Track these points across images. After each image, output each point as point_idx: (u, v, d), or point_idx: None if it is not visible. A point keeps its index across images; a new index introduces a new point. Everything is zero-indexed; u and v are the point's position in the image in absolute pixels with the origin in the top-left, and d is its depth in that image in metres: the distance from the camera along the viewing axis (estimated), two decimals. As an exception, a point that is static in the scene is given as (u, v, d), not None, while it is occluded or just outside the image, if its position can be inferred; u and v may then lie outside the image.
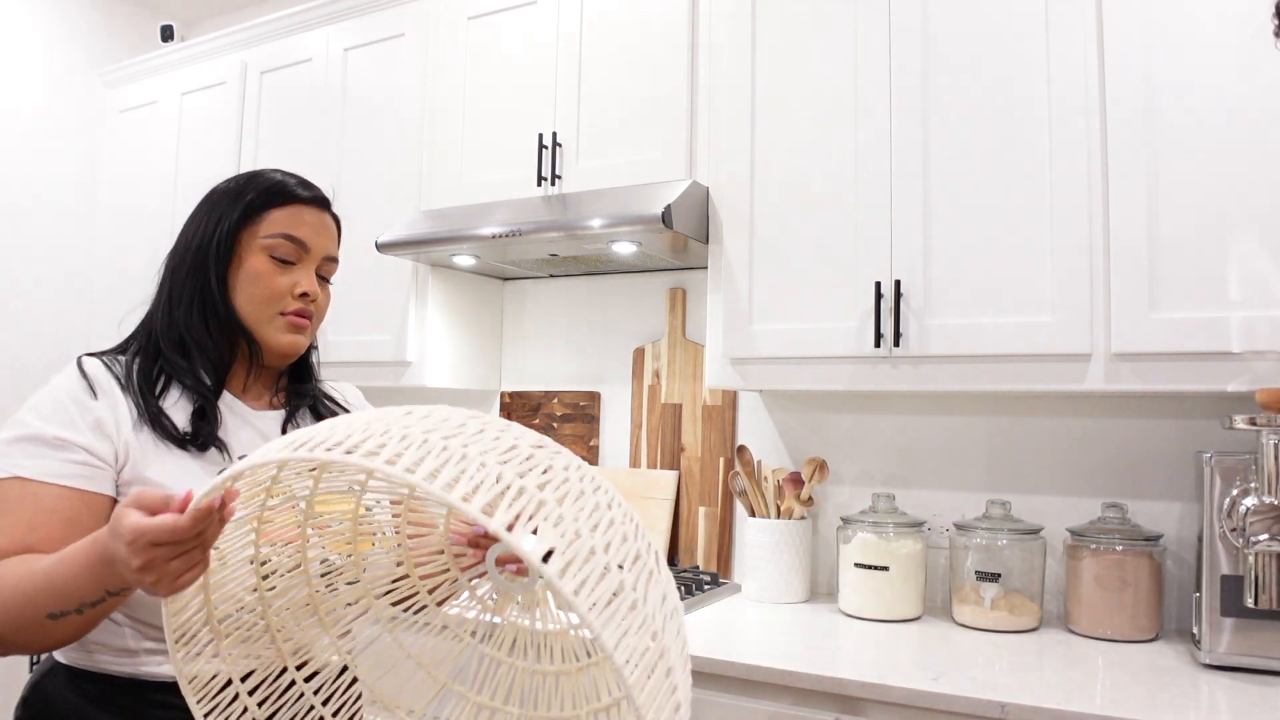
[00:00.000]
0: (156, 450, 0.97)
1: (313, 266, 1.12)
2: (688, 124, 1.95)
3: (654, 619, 0.55)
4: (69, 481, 0.93)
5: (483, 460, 0.58)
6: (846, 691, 1.36)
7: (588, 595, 0.52)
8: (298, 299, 1.10)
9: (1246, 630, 1.40)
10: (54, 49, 3.06)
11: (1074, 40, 1.55)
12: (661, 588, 0.59)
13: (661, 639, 0.55)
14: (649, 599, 0.56)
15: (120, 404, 0.98)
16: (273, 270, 1.09)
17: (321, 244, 1.13)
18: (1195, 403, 1.72)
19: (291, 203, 1.11)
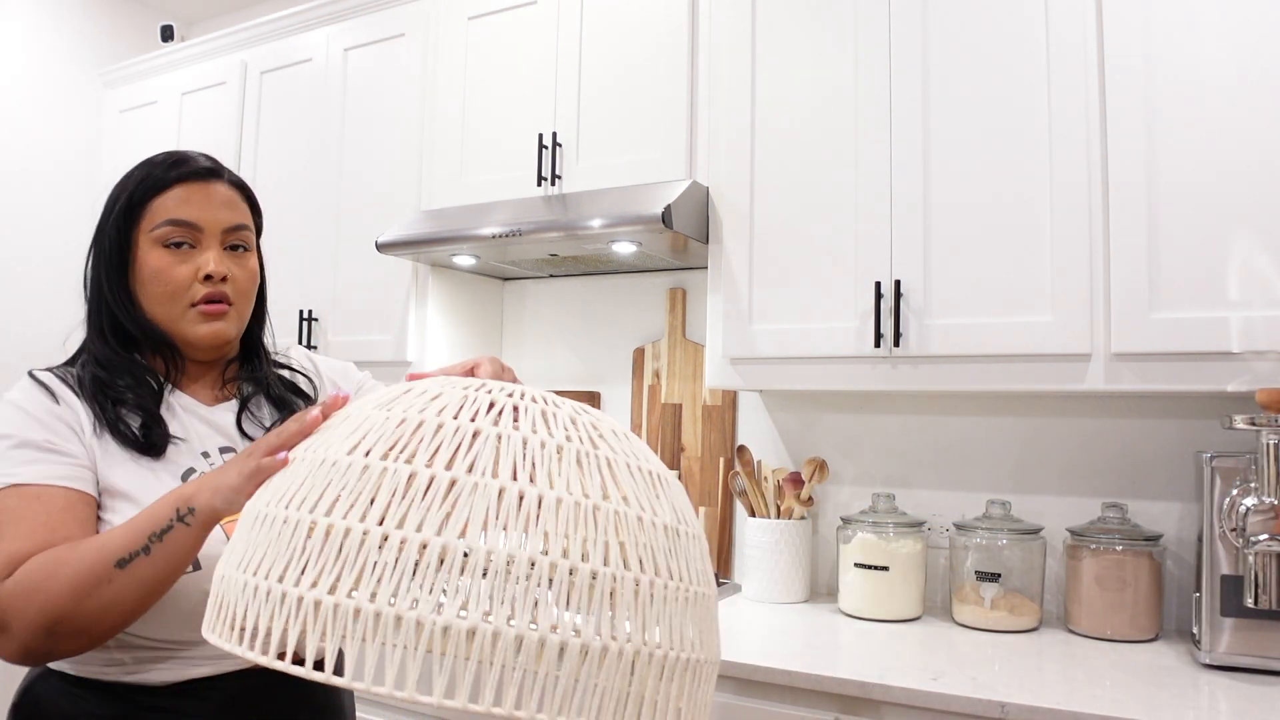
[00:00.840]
0: (119, 456, 0.95)
1: (215, 244, 1.02)
2: (688, 124, 1.95)
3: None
4: (71, 484, 0.91)
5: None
6: (846, 691, 1.36)
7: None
8: (204, 284, 1.01)
9: (1246, 630, 1.40)
10: (54, 49, 3.06)
11: (1074, 40, 1.55)
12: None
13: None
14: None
15: (80, 411, 0.96)
16: (170, 262, 1.01)
17: (216, 217, 1.03)
18: (1195, 403, 1.72)
19: (169, 186, 1.02)
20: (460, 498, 0.58)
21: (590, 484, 0.62)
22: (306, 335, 2.47)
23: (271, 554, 0.62)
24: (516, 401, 0.66)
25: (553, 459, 0.62)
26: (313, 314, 2.47)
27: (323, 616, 0.58)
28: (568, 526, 0.59)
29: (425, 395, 0.67)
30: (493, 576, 0.58)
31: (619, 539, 0.61)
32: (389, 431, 0.64)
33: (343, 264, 2.44)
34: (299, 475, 0.66)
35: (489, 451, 0.61)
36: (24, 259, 2.95)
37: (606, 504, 0.62)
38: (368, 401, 0.71)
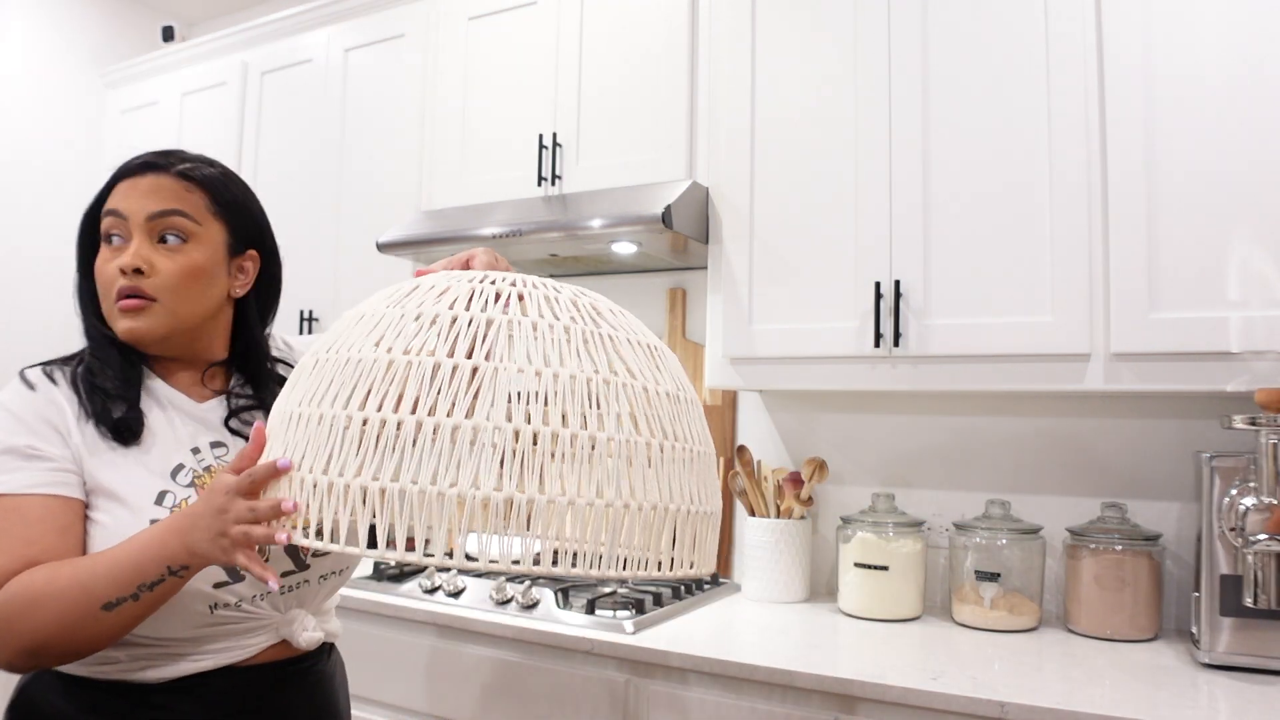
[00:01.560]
0: (104, 451, 0.94)
1: (141, 236, 0.97)
2: (688, 124, 1.95)
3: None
4: (51, 490, 0.90)
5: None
6: (846, 691, 1.36)
7: None
8: (122, 276, 0.97)
9: (1245, 630, 1.40)
10: (55, 49, 3.07)
11: (1073, 39, 1.55)
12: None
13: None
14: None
15: (65, 405, 0.95)
16: (104, 257, 0.98)
17: (139, 205, 0.97)
18: (1195, 403, 1.72)
19: (117, 181, 1.00)
20: (483, 383, 0.63)
21: (599, 360, 0.68)
22: (307, 335, 2.47)
23: (313, 450, 0.67)
24: (521, 289, 0.71)
25: (562, 340, 0.68)
26: (313, 314, 2.47)
27: (371, 501, 0.62)
28: (583, 401, 0.65)
29: (434, 290, 0.71)
30: (521, 452, 0.63)
31: (629, 409, 0.67)
32: (408, 327, 0.68)
33: (343, 264, 2.44)
34: (327, 375, 0.69)
35: (503, 338, 0.66)
36: (25, 259, 2.95)
37: (615, 378, 0.67)
38: (380, 299, 0.74)
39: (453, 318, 0.67)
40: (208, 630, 0.95)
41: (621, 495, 0.65)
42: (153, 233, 0.98)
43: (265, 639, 1.00)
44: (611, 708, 1.54)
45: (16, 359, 2.82)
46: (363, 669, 1.82)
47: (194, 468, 0.98)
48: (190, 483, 0.97)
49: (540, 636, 1.61)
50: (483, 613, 1.70)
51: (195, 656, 0.95)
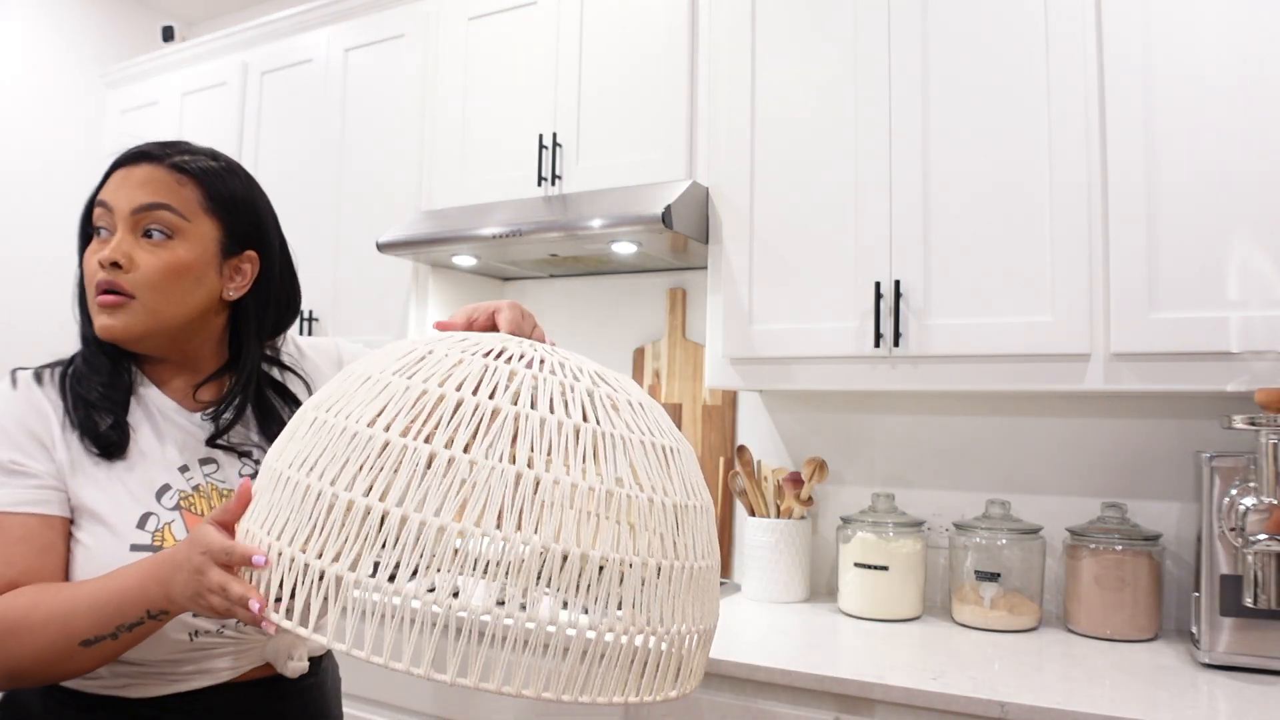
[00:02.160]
0: (88, 468, 0.90)
1: (123, 227, 0.92)
2: (688, 124, 1.95)
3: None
4: (33, 508, 0.87)
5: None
6: (846, 691, 1.36)
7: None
8: (101, 270, 0.92)
9: (1245, 630, 1.40)
10: (55, 49, 3.07)
11: (1073, 40, 1.55)
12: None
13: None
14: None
15: (51, 416, 0.91)
16: (90, 250, 0.94)
17: (126, 197, 0.92)
18: (1195, 403, 1.72)
19: (112, 173, 0.95)
20: (478, 482, 0.61)
21: (605, 467, 0.65)
22: (307, 335, 2.47)
23: (295, 521, 0.65)
24: (536, 373, 0.68)
25: (569, 442, 0.64)
26: (313, 314, 2.47)
27: (344, 592, 0.61)
28: (580, 513, 0.62)
29: (447, 361, 0.69)
30: (506, 566, 0.60)
31: (629, 521, 0.64)
32: (409, 403, 0.65)
33: (343, 264, 2.44)
34: (321, 441, 0.67)
35: (507, 433, 0.63)
36: (24, 259, 2.95)
37: (619, 489, 0.64)
38: (389, 361, 0.71)
39: (457, 401, 0.64)
40: (190, 654, 0.92)
41: (607, 624, 0.62)
42: (137, 226, 0.93)
43: (250, 661, 0.97)
44: (610, 708, 1.54)
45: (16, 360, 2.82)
46: (362, 669, 1.82)
47: (181, 488, 0.94)
48: (176, 505, 0.93)
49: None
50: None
51: (179, 678, 0.92)
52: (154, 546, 0.90)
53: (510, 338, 0.73)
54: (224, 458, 0.99)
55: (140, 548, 0.89)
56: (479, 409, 0.64)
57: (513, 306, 0.90)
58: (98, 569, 0.87)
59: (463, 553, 0.60)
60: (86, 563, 0.88)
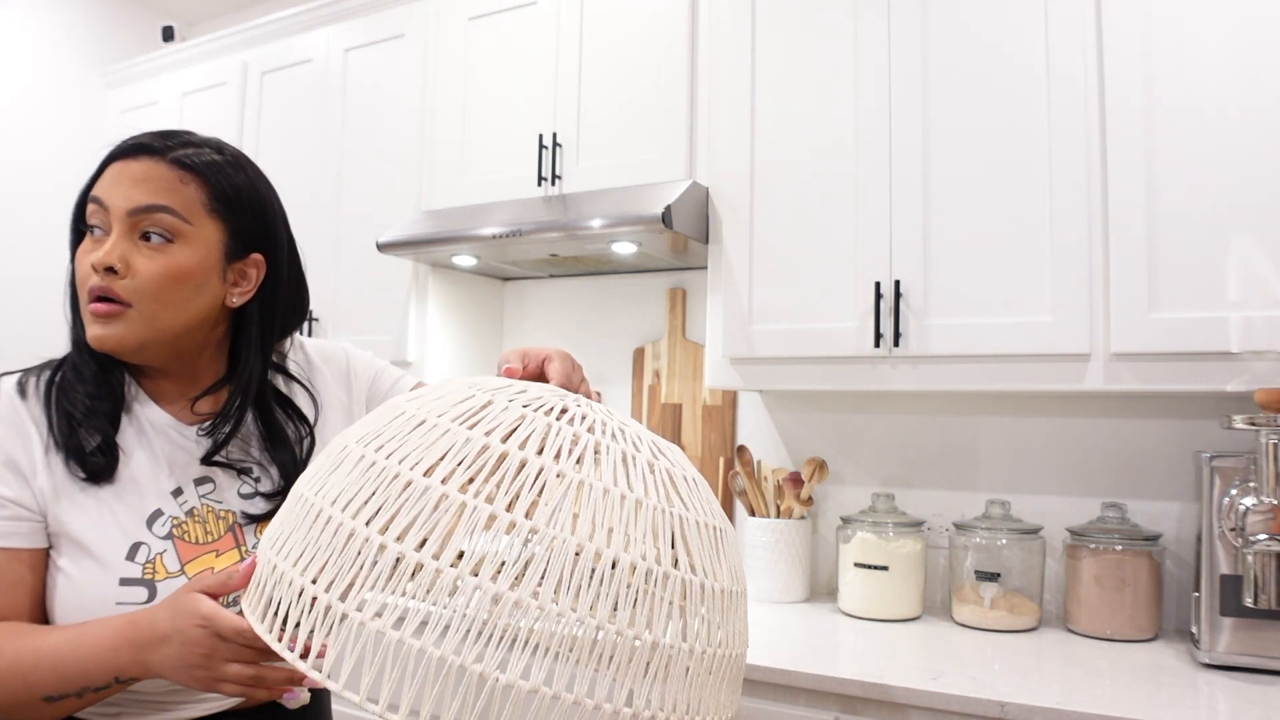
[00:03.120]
0: (74, 491, 0.84)
1: (121, 231, 0.85)
2: (688, 124, 1.95)
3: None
4: (3, 541, 0.82)
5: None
6: (846, 691, 1.36)
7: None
8: (95, 275, 0.84)
9: (1245, 630, 1.40)
10: (55, 49, 3.06)
11: (1073, 40, 1.55)
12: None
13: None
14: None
15: (33, 435, 0.85)
16: (83, 250, 0.86)
17: (123, 195, 0.85)
18: (1195, 403, 1.72)
19: (108, 164, 0.88)
20: (537, 552, 0.59)
21: (663, 545, 0.63)
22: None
23: (335, 564, 0.61)
24: (599, 438, 0.66)
25: (630, 514, 0.63)
26: (313, 314, 2.47)
27: (384, 648, 0.58)
28: (637, 591, 0.61)
29: (508, 415, 0.66)
30: (560, 642, 0.59)
31: (681, 603, 0.63)
32: (471, 455, 0.62)
33: (343, 264, 2.44)
34: (368, 484, 0.63)
35: (569, 501, 0.61)
36: (23, 259, 2.95)
37: (675, 572, 0.63)
38: (446, 406, 0.68)
39: (522, 461, 0.62)
40: (184, 687, 0.85)
41: (651, 706, 0.62)
42: (135, 228, 0.85)
43: None
44: (611, 708, 1.54)
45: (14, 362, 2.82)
46: (363, 669, 1.82)
47: (174, 514, 0.88)
48: (168, 533, 0.87)
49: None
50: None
51: (173, 707, 0.87)
52: (145, 579, 0.85)
53: (567, 394, 0.72)
54: (222, 476, 0.93)
55: (130, 581, 0.84)
56: (543, 472, 0.62)
57: (564, 358, 0.86)
58: (83, 602, 0.83)
59: (517, 622, 0.59)
60: (71, 595, 0.83)
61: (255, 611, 0.65)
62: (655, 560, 0.62)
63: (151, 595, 0.85)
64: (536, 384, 0.74)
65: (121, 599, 0.84)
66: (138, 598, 0.84)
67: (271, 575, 0.65)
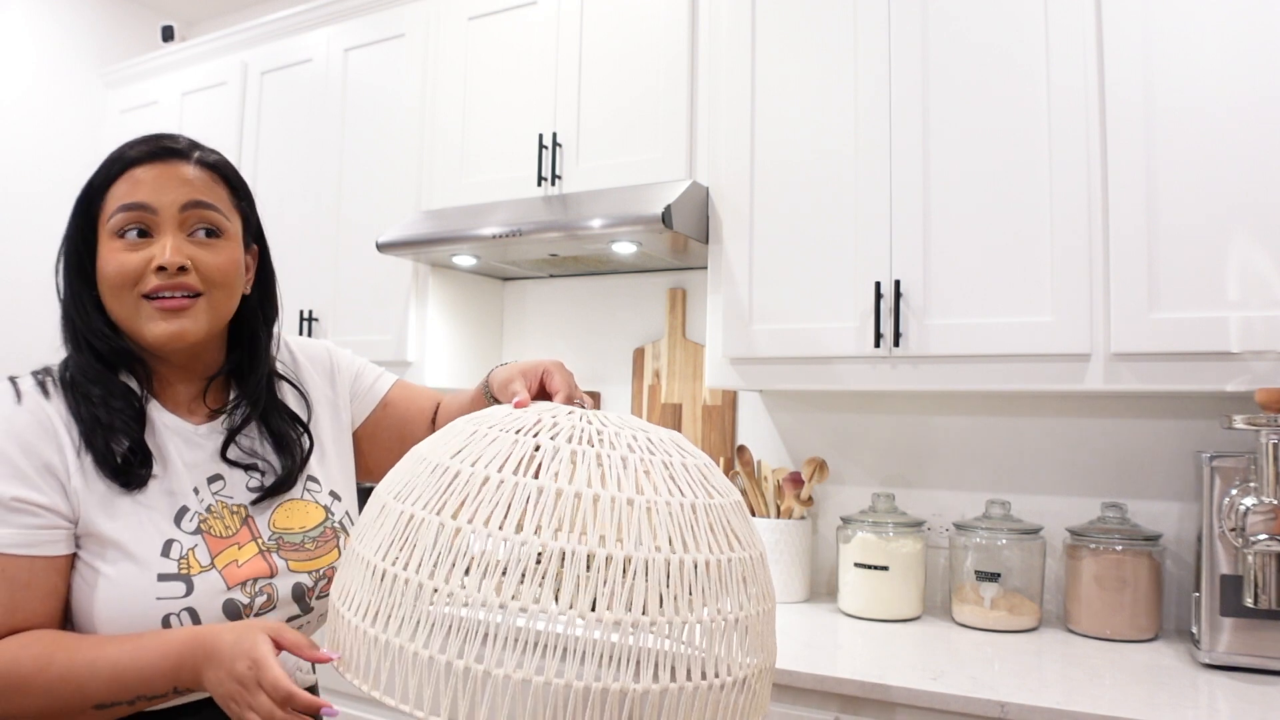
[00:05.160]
0: (104, 492, 0.86)
1: (173, 230, 0.89)
2: (688, 124, 1.95)
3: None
4: (38, 550, 0.82)
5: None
6: (846, 691, 1.36)
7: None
8: (157, 274, 0.87)
9: (1245, 630, 1.40)
10: (54, 49, 3.06)
11: (1073, 40, 1.55)
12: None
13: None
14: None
15: (63, 437, 0.85)
16: (121, 251, 0.88)
17: (171, 197, 0.89)
18: (1195, 403, 1.72)
19: (126, 169, 0.90)
20: (590, 577, 0.66)
21: (687, 536, 0.70)
22: (307, 335, 2.47)
23: (388, 609, 0.68)
24: (625, 454, 0.72)
25: (666, 521, 0.69)
26: (313, 314, 2.47)
27: (470, 681, 0.65)
28: (676, 589, 0.67)
29: (528, 446, 0.72)
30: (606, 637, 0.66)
31: (718, 603, 0.70)
32: (517, 499, 0.68)
33: (343, 264, 2.44)
34: (428, 537, 0.69)
35: (610, 519, 0.68)
36: (25, 260, 2.95)
37: (701, 556, 0.70)
38: (465, 449, 0.74)
39: (558, 491, 0.68)
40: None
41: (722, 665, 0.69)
42: (184, 225, 0.90)
43: None
44: (611, 708, 1.54)
45: (12, 361, 2.82)
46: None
47: (198, 510, 0.91)
48: (196, 529, 0.90)
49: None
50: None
51: (193, 694, 0.88)
52: (181, 574, 0.87)
53: (573, 410, 0.77)
54: (230, 473, 0.95)
55: (167, 576, 0.86)
56: (581, 496, 0.68)
57: (559, 368, 0.91)
58: (124, 601, 0.85)
59: (570, 631, 0.66)
60: (113, 595, 0.85)
61: (361, 678, 0.71)
62: (692, 563, 0.69)
63: (189, 589, 0.87)
64: (545, 406, 0.81)
65: (161, 594, 0.86)
66: (176, 592, 0.87)
67: (355, 637, 0.71)
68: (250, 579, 0.91)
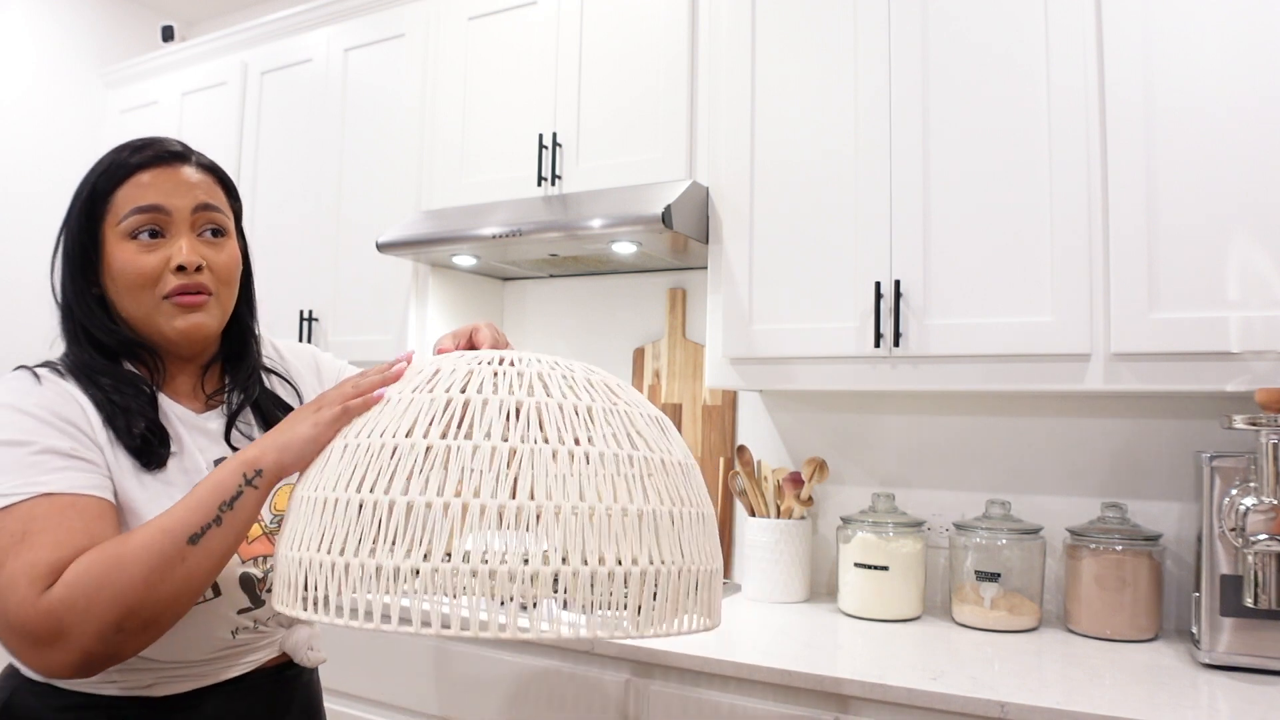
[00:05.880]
0: (127, 465, 0.90)
1: (185, 229, 0.95)
2: (688, 124, 1.95)
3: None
4: (101, 493, 0.86)
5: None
6: (846, 691, 1.36)
7: None
8: (176, 274, 0.94)
9: (1245, 630, 1.40)
10: (54, 49, 3.06)
11: (1073, 40, 1.55)
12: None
13: None
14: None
15: (87, 407, 0.90)
16: (137, 252, 0.93)
17: (183, 200, 0.95)
18: (1195, 403, 1.72)
19: (132, 174, 0.95)
20: (521, 463, 0.70)
21: (621, 437, 0.75)
22: (307, 335, 2.47)
23: (342, 532, 0.70)
24: (541, 369, 0.77)
25: (587, 419, 0.74)
26: (313, 314, 2.47)
27: (403, 578, 0.68)
28: (613, 474, 0.72)
29: (455, 374, 0.77)
30: (554, 522, 0.69)
31: (650, 479, 0.75)
32: (439, 413, 0.73)
33: (343, 264, 2.44)
34: (355, 460, 0.73)
35: (535, 419, 0.72)
36: (24, 260, 2.95)
37: (636, 453, 0.75)
38: (405, 386, 0.79)
39: (483, 401, 0.73)
40: (225, 652, 0.96)
41: (650, 556, 0.72)
42: (194, 226, 0.96)
43: (269, 653, 1.01)
44: (612, 708, 1.54)
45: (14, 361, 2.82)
46: (362, 669, 1.82)
47: None
48: None
49: (540, 636, 1.61)
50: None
51: (209, 675, 0.95)
52: None
53: (507, 353, 0.81)
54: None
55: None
56: (503, 405, 0.72)
57: (489, 325, 0.96)
58: None
59: (513, 520, 0.68)
60: None
61: (294, 608, 0.73)
62: (617, 446, 0.74)
63: None
64: (474, 350, 0.86)
65: None
66: None
67: (291, 567, 0.74)
68: (259, 555, 0.97)
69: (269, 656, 1.01)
